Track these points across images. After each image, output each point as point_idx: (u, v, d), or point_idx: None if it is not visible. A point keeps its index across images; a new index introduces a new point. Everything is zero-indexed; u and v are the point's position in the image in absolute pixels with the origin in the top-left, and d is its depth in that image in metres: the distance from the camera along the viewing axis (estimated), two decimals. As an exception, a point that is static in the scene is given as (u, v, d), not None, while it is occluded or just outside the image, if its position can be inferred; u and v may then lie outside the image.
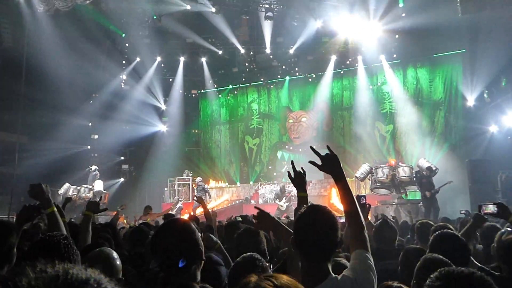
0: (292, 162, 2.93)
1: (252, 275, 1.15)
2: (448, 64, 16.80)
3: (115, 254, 2.30)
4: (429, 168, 12.12)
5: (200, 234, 2.03)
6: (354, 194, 2.27)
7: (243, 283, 1.14)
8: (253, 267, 2.24)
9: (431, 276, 1.52)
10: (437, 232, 3.04)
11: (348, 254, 2.81)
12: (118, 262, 2.27)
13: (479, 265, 3.01)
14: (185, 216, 10.21)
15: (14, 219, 3.22)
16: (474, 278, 1.43)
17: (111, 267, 2.23)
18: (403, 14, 15.48)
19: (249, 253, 2.43)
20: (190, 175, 18.24)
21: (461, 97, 16.15)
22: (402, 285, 2.60)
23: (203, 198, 15.70)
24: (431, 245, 2.86)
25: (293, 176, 2.87)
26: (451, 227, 3.84)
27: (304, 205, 2.47)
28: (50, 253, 1.81)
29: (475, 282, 1.41)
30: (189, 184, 17.87)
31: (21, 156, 15.05)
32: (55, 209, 2.98)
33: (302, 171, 2.87)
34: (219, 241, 3.50)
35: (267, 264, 2.45)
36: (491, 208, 3.81)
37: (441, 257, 2.28)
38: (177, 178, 18.38)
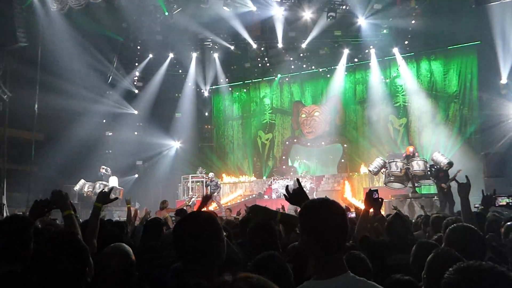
0: (286, 186, 2.83)
1: (226, 275, 1.15)
2: (462, 56, 16.59)
3: (129, 249, 2.33)
4: (450, 163, 11.97)
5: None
6: (368, 187, 2.27)
7: (219, 283, 1.14)
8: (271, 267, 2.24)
9: (450, 269, 1.48)
10: (453, 225, 2.99)
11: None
12: (132, 257, 2.31)
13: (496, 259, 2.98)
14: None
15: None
16: (495, 273, 1.38)
17: (125, 262, 2.26)
18: (416, 7, 15.33)
19: (268, 252, 2.42)
20: (204, 172, 18.30)
21: (476, 89, 15.96)
22: (411, 279, 2.61)
23: (217, 193, 15.90)
24: (447, 238, 2.81)
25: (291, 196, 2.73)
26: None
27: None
28: (65, 247, 1.85)
29: (496, 277, 1.37)
30: (202, 181, 17.92)
31: (37, 153, 15.29)
32: (72, 212, 3.09)
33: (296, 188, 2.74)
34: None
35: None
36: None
37: (453, 250, 2.26)
38: (190, 175, 18.46)
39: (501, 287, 1.35)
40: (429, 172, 12.37)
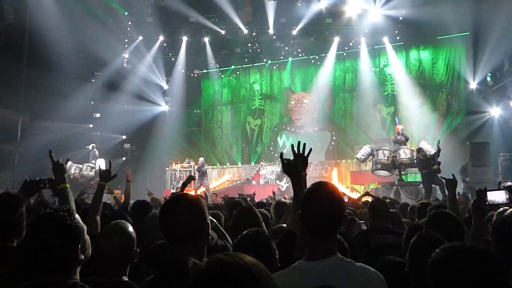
0: (281, 154, 2.89)
1: (218, 255, 1.16)
2: (451, 47, 16.76)
3: (130, 227, 2.36)
4: (419, 150, 12.02)
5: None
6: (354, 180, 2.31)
7: (210, 260, 1.16)
8: (257, 243, 2.27)
9: (436, 250, 1.58)
10: (433, 211, 3.16)
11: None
12: (133, 234, 2.34)
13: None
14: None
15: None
16: (476, 250, 1.50)
17: (126, 239, 2.29)
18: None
19: (254, 229, 2.43)
20: (192, 163, 18.26)
21: (463, 80, 16.15)
22: (402, 259, 2.69)
23: (205, 179, 15.95)
24: (427, 223, 2.95)
25: (295, 155, 2.71)
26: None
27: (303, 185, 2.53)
28: (54, 225, 1.86)
29: (478, 254, 1.49)
30: (190, 171, 17.92)
31: (24, 134, 15.12)
32: (67, 185, 3.09)
33: (301, 152, 2.73)
34: (214, 220, 3.54)
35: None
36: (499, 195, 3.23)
37: (435, 233, 2.35)
38: (178, 165, 18.45)
39: (482, 263, 1.48)
40: (415, 161, 12.53)
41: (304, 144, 2.74)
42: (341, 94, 19.26)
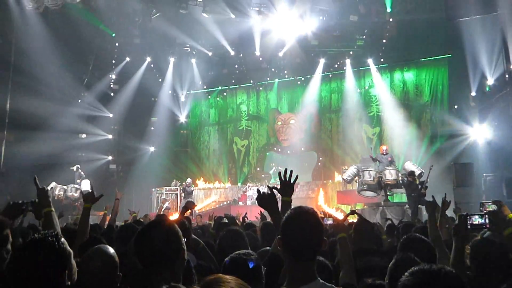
0: (257, 190, 2.91)
1: (210, 278, 1.17)
2: (434, 68, 17.12)
3: (113, 251, 2.34)
4: (420, 174, 12.26)
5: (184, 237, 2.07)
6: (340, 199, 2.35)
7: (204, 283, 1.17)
8: (245, 266, 2.27)
9: (405, 273, 1.61)
10: (407, 234, 3.28)
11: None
12: (116, 259, 2.31)
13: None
14: (174, 217, 10.19)
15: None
16: (443, 273, 1.53)
17: (109, 264, 2.27)
18: (391, 19, 15.73)
19: (242, 251, 2.43)
20: (178, 184, 18.09)
21: (447, 100, 16.43)
22: (382, 282, 2.70)
23: (190, 200, 15.82)
24: (401, 245, 3.04)
25: (282, 182, 2.82)
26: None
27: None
28: (43, 251, 1.85)
29: (443, 276, 1.53)
30: (176, 194, 17.76)
31: (7, 154, 14.92)
32: (53, 209, 3.11)
33: (288, 178, 2.82)
34: (202, 242, 3.51)
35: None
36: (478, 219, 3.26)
37: (412, 256, 2.40)
38: (164, 188, 18.31)
39: (448, 284, 1.53)
40: (401, 181, 12.63)
41: (291, 171, 2.81)
42: (327, 115, 19.46)
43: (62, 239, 1.94)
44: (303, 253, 1.91)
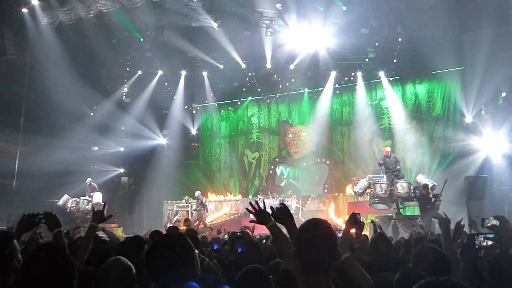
0: (271, 207, 2.91)
1: None
2: (446, 81, 16.96)
3: (130, 263, 2.34)
4: (433, 186, 12.13)
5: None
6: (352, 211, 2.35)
7: None
8: (255, 281, 2.28)
9: (413, 286, 1.58)
10: (420, 246, 3.22)
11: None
12: (133, 270, 2.32)
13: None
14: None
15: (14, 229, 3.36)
16: (450, 285, 1.47)
17: (127, 276, 2.27)
18: (402, 32, 15.70)
19: (253, 266, 2.44)
20: (190, 200, 17.95)
21: (459, 113, 16.27)
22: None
23: (201, 211, 15.75)
24: (414, 257, 2.96)
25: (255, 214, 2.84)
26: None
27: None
28: (47, 262, 1.86)
29: (450, 287, 1.46)
30: (187, 211, 17.67)
31: (21, 167, 15.09)
32: (62, 229, 3.25)
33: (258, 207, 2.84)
34: (206, 259, 3.49)
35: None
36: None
37: (418, 269, 2.36)
38: (175, 204, 18.26)
39: None
40: (413, 194, 12.50)
41: (256, 202, 2.92)
42: (339, 128, 19.39)
43: (67, 250, 1.97)
44: (317, 264, 1.91)
